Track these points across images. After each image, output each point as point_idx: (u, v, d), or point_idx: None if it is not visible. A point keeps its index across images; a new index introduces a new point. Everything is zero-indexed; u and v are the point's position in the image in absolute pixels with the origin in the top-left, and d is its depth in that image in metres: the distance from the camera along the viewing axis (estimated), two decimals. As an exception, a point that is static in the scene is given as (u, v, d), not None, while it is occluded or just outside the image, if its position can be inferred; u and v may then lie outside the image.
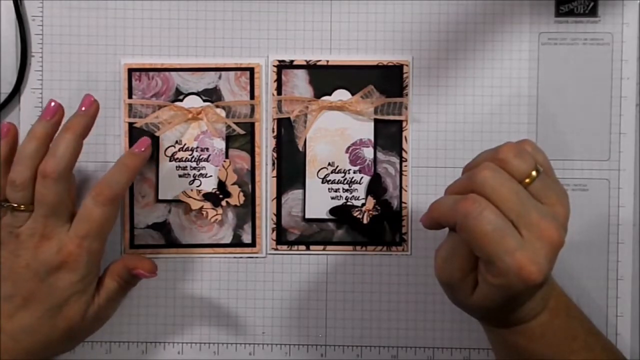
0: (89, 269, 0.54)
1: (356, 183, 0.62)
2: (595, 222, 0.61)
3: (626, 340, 0.61)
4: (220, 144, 0.62)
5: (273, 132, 0.62)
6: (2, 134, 0.55)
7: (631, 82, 0.61)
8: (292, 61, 0.62)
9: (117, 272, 0.57)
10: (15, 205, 0.53)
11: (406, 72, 0.61)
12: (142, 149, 0.56)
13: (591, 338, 0.53)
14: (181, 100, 0.61)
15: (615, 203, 0.61)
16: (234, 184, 0.61)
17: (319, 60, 0.61)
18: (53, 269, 0.53)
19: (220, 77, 0.61)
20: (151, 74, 0.61)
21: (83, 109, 0.55)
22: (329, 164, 0.62)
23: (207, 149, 0.61)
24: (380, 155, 0.62)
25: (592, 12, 0.61)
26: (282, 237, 0.62)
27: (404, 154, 0.61)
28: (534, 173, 0.46)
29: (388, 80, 0.61)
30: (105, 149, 0.62)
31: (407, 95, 0.61)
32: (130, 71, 0.61)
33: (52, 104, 0.55)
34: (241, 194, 0.61)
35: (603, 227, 0.61)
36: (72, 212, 0.55)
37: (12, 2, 0.61)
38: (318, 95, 0.61)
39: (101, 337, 0.62)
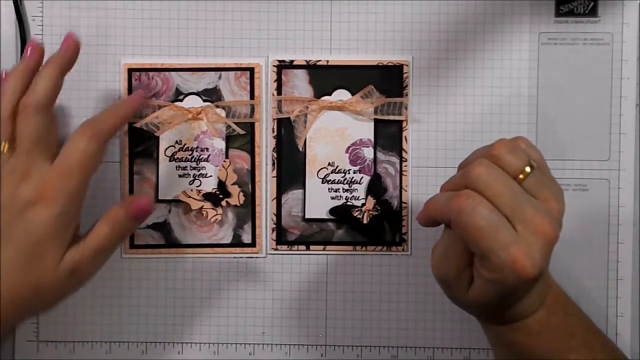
0: (67, 207, 0.51)
1: (356, 183, 0.62)
2: (595, 222, 0.61)
3: (626, 340, 0.61)
4: (220, 144, 0.62)
5: (273, 132, 0.62)
6: None
7: (631, 82, 0.61)
8: (292, 61, 0.62)
9: (112, 215, 0.53)
10: None
11: (406, 72, 0.61)
12: (137, 98, 0.57)
13: (590, 336, 0.53)
14: (181, 100, 0.61)
15: (615, 203, 0.61)
16: (234, 184, 0.61)
17: (319, 60, 0.61)
18: (31, 203, 0.50)
19: (220, 77, 0.61)
20: (151, 74, 0.61)
21: (64, 47, 0.55)
22: (329, 164, 0.62)
23: (207, 149, 0.61)
24: (380, 155, 0.62)
25: (592, 12, 0.61)
26: (282, 237, 0.62)
27: (404, 154, 0.61)
28: (527, 169, 0.46)
29: (388, 80, 0.61)
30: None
31: (407, 95, 0.61)
32: (130, 71, 0.61)
33: (32, 41, 0.55)
34: (241, 194, 0.61)
35: (603, 227, 0.61)
36: (54, 152, 0.53)
37: (12, 2, 0.61)
38: (318, 95, 0.61)
39: (101, 337, 0.62)
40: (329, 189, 0.62)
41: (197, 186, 0.61)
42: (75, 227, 0.53)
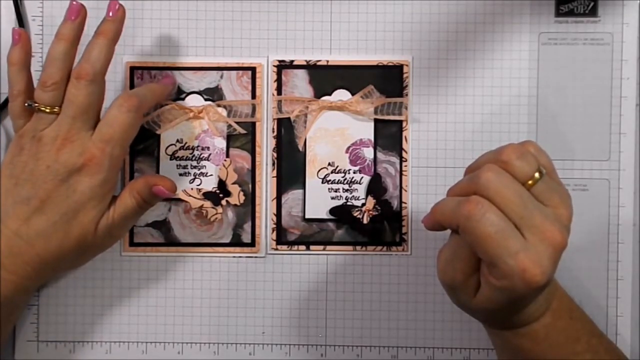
0: (108, 175, 0.54)
1: (356, 183, 0.62)
2: (595, 222, 0.61)
3: (626, 340, 0.61)
4: (221, 143, 0.62)
5: (273, 132, 0.62)
6: (14, 40, 0.56)
7: (631, 82, 0.61)
8: (292, 61, 0.62)
9: (137, 188, 0.57)
10: (42, 106, 0.54)
11: (406, 72, 0.61)
12: (167, 80, 0.61)
13: (594, 339, 0.53)
14: (183, 99, 0.61)
15: (615, 203, 0.61)
16: (234, 183, 0.61)
17: (319, 60, 0.62)
18: (74, 171, 0.53)
19: (222, 77, 0.61)
20: (153, 72, 0.61)
21: (110, 14, 0.55)
22: (329, 164, 0.62)
23: (208, 147, 0.61)
24: (380, 155, 0.62)
25: (592, 12, 0.61)
26: (282, 237, 0.62)
27: (404, 154, 0.61)
28: (536, 175, 0.46)
29: (388, 80, 0.61)
30: (106, 148, 0.62)
31: (407, 95, 0.61)
32: (133, 69, 0.61)
33: (74, 2, 0.55)
34: (241, 193, 0.61)
35: (603, 227, 0.61)
36: (96, 121, 0.55)
37: (12, 2, 0.61)
38: (318, 95, 0.62)
39: (101, 337, 0.62)
40: (329, 189, 0.62)
41: (198, 185, 0.61)
42: (113, 193, 0.56)
